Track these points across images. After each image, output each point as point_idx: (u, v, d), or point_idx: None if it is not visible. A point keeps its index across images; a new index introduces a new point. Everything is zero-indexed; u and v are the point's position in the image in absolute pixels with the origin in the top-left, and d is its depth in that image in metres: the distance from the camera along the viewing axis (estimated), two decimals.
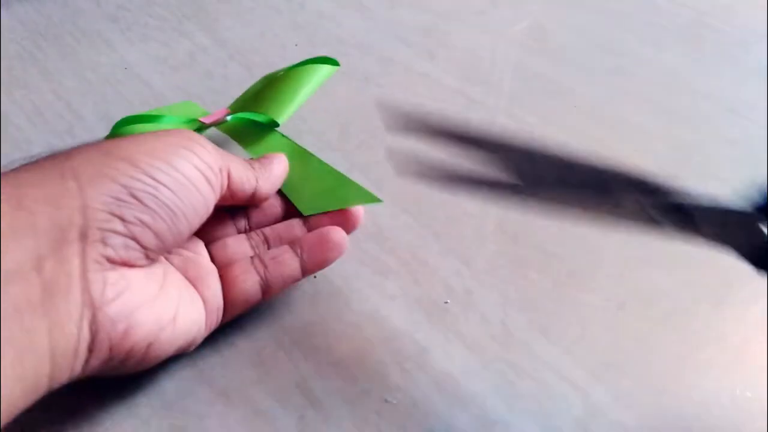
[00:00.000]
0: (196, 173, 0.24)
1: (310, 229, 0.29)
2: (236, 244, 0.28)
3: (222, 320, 0.26)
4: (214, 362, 0.27)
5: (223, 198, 0.26)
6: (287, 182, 0.30)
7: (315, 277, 0.31)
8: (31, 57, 0.44)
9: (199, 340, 0.25)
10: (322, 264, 0.28)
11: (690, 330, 0.29)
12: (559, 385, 0.27)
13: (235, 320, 0.29)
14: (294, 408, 0.26)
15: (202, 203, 0.24)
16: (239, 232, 0.29)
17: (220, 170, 0.25)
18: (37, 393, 0.20)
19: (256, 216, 0.29)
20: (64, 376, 0.20)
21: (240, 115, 0.35)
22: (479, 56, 0.44)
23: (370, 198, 0.29)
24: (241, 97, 0.36)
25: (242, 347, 0.28)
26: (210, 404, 0.26)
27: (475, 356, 0.28)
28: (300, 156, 0.31)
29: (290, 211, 0.30)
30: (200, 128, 0.34)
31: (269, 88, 0.35)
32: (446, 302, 0.30)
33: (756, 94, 0.40)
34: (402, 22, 0.47)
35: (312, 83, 0.35)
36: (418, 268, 0.31)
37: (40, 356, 0.19)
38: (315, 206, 0.29)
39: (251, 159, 0.29)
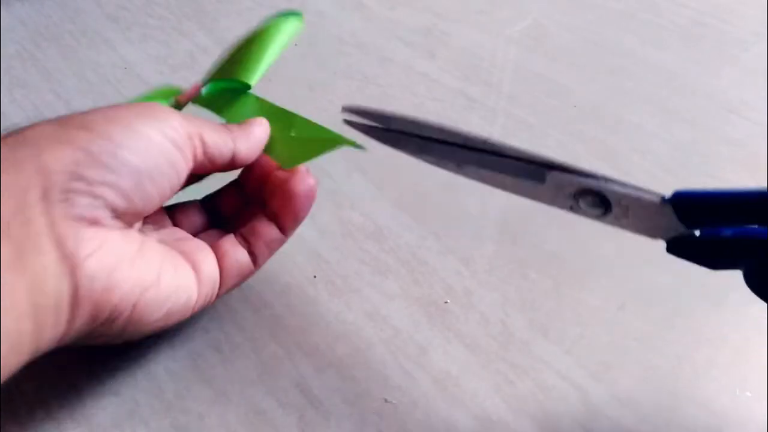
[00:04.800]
0: (160, 137, 0.23)
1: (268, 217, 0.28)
2: (216, 233, 0.28)
3: (219, 293, 0.26)
4: (214, 362, 0.27)
5: (202, 165, 0.26)
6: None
7: (315, 277, 0.31)
8: (31, 57, 0.44)
9: (193, 308, 0.25)
10: (297, 218, 0.28)
11: (690, 330, 0.29)
12: (559, 385, 0.27)
13: (235, 320, 0.29)
14: (294, 408, 0.26)
15: (170, 166, 0.24)
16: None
17: (190, 136, 0.25)
18: (23, 354, 0.20)
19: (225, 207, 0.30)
20: (48, 336, 0.20)
21: (212, 85, 0.33)
22: (479, 56, 0.44)
23: (351, 143, 0.28)
24: (210, 70, 0.35)
25: (242, 347, 0.28)
26: (210, 404, 0.26)
27: (475, 356, 0.28)
28: (277, 114, 0.30)
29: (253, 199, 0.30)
30: (177, 106, 0.34)
31: (236, 53, 0.33)
32: (446, 302, 0.30)
33: (756, 94, 0.40)
34: (402, 22, 0.47)
35: (279, 40, 0.33)
36: (418, 268, 0.31)
37: (20, 313, 0.19)
38: (295, 158, 0.28)
39: (229, 124, 0.28)
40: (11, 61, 0.43)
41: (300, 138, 0.29)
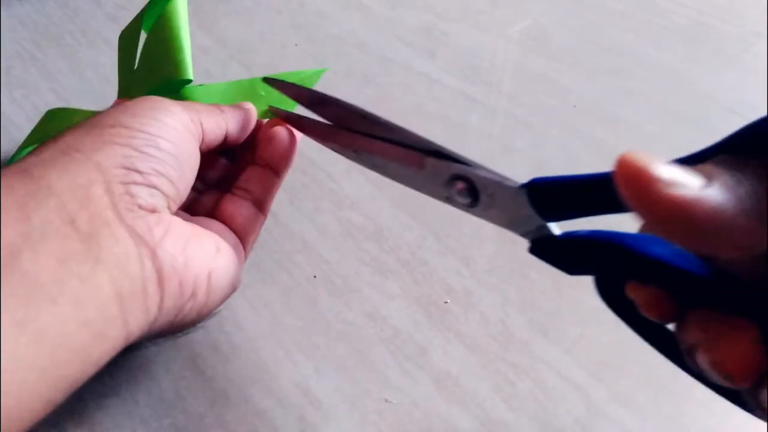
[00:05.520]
0: (180, 126, 0.24)
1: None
2: (208, 197, 0.29)
3: (246, 252, 0.28)
4: (214, 362, 0.27)
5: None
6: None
7: (315, 277, 0.31)
8: (31, 57, 0.44)
9: (239, 279, 0.26)
10: (286, 157, 0.29)
11: None
12: (559, 385, 0.27)
13: (235, 320, 0.29)
14: (294, 408, 0.26)
15: (195, 151, 0.25)
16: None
17: (194, 123, 0.26)
18: (113, 339, 0.20)
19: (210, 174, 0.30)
20: (140, 319, 0.21)
21: (151, 91, 0.31)
22: (479, 56, 0.44)
23: (315, 72, 0.30)
24: (122, 84, 0.34)
25: (242, 347, 0.28)
26: (210, 404, 0.26)
27: (475, 356, 0.28)
28: (237, 87, 0.31)
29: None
30: None
31: (151, 55, 0.32)
32: (446, 302, 0.30)
33: (756, 94, 0.40)
34: (402, 22, 0.47)
35: (184, 22, 0.32)
36: (418, 268, 0.31)
37: (104, 299, 0.20)
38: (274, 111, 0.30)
39: (221, 105, 0.29)
40: (11, 61, 0.43)
41: (269, 94, 0.30)
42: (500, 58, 0.44)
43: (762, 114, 0.43)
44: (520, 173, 0.35)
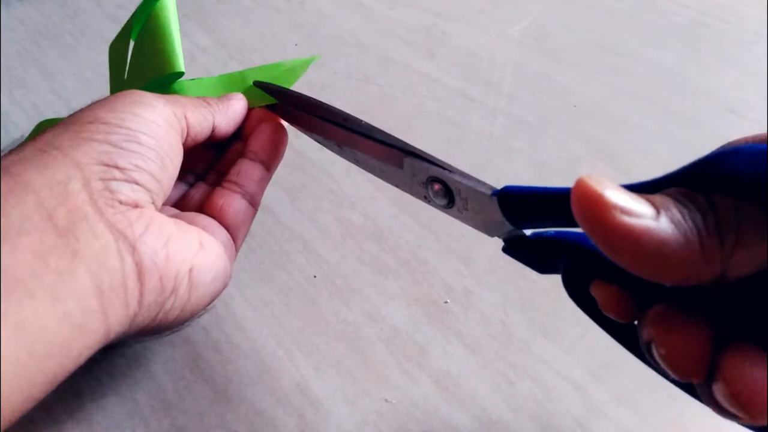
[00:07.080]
0: (161, 121, 0.24)
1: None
2: (198, 191, 0.29)
3: (237, 247, 0.27)
4: (214, 362, 0.27)
5: (185, 143, 0.26)
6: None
7: (315, 277, 0.31)
8: (31, 57, 0.44)
9: (229, 275, 0.26)
10: (276, 150, 0.29)
11: None
12: (559, 385, 0.27)
13: (235, 320, 0.29)
14: (294, 408, 0.26)
15: (177, 146, 0.25)
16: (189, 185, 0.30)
17: (177, 117, 0.25)
18: (94, 333, 0.20)
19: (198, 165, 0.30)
20: (120, 314, 0.21)
21: (146, 88, 0.31)
22: (479, 56, 0.44)
23: (303, 62, 0.31)
24: (113, 84, 0.34)
25: (242, 347, 0.28)
26: (210, 404, 0.26)
27: (475, 356, 0.28)
28: (227, 80, 0.31)
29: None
30: None
31: (142, 52, 0.32)
32: (446, 302, 0.30)
33: (756, 94, 0.40)
34: (402, 22, 0.47)
35: (173, 18, 0.32)
36: (418, 268, 0.31)
37: (83, 293, 0.20)
38: (263, 100, 0.30)
39: (208, 97, 0.29)
40: (11, 61, 0.43)
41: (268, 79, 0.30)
42: (500, 58, 0.44)
43: (761, 114, 0.43)
44: (520, 173, 0.36)
